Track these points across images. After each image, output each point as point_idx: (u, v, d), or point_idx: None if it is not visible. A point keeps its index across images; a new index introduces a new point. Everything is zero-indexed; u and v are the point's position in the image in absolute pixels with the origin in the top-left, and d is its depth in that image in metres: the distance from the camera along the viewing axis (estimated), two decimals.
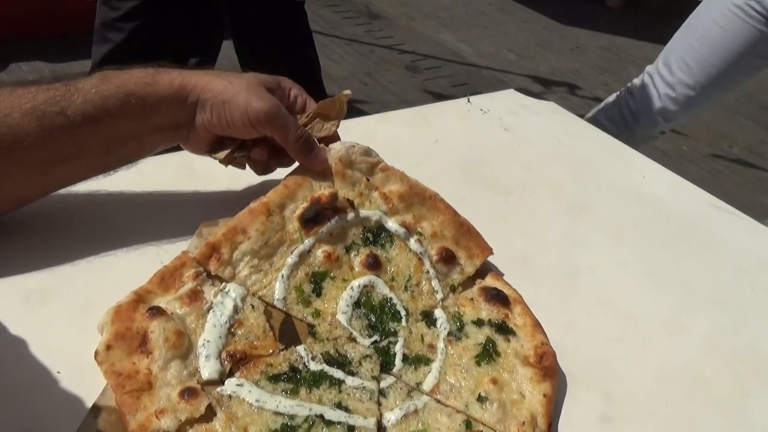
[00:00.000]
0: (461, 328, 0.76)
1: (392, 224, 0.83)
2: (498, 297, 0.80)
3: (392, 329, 0.75)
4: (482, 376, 0.71)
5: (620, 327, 0.85)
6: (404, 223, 0.84)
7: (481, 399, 0.69)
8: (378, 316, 0.76)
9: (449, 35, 5.06)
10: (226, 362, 0.67)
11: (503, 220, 1.01)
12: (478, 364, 0.72)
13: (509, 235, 0.95)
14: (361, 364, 0.70)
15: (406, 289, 0.80)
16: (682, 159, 3.88)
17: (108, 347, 0.64)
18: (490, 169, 1.14)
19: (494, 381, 0.70)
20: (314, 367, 0.69)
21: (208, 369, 0.65)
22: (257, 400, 0.63)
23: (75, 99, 0.73)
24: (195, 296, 0.71)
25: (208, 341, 0.68)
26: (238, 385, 0.65)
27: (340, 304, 0.76)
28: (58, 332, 0.69)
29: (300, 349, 0.70)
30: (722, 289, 0.95)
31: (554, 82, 4.51)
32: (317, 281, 0.77)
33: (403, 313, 0.77)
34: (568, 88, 4.46)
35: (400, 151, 1.12)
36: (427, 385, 0.70)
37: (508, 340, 0.76)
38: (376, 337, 0.74)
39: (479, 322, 0.77)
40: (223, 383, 0.65)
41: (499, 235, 0.87)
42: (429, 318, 0.78)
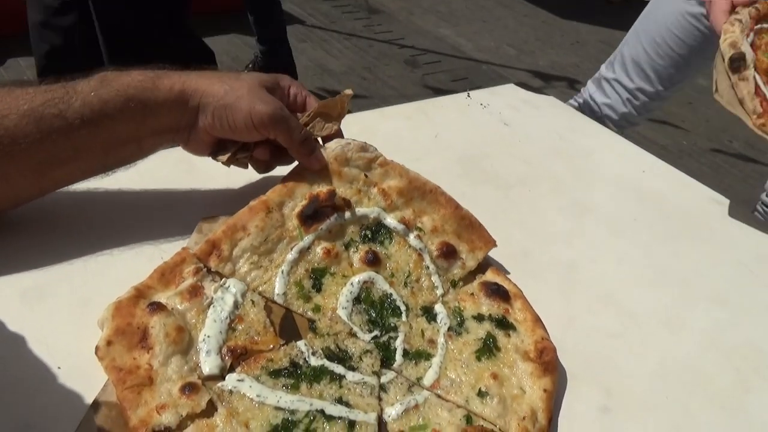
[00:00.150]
0: (461, 323, 0.77)
1: (391, 220, 0.83)
2: (498, 292, 0.80)
3: (392, 324, 0.75)
4: (482, 371, 0.71)
5: (620, 322, 0.85)
6: (403, 219, 0.84)
7: (481, 394, 0.69)
8: (378, 312, 0.76)
9: (449, 30, 5.05)
10: (227, 357, 0.67)
11: (503, 215, 1.01)
12: (478, 359, 0.72)
13: (509, 229, 0.95)
14: (361, 360, 0.70)
15: (405, 285, 0.80)
16: (681, 154, 3.88)
17: (109, 343, 0.64)
18: (490, 164, 1.14)
19: (494, 376, 0.70)
20: (315, 362, 0.69)
21: (209, 364, 0.65)
22: (258, 396, 0.64)
23: (74, 102, 0.72)
24: (195, 292, 0.71)
25: (208, 336, 0.68)
26: (238, 380, 0.65)
27: (340, 299, 0.76)
28: (57, 328, 0.69)
29: (300, 344, 0.71)
30: (722, 284, 0.96)
31: (554, 76, 4.50)
32: (317, 277, 0.77)
33: (403, 308, 0.77)
34: (568, 83, 4.45)
35: (400, 146, 1.12)
36: (427, 380, 0.70)
37: (509, 335, 0.76)
38: (376, 332, 0.74)
39: (479, 317, 0.77)
40: (224, 378, 0.65)
41: (499, 230, 0.87)
42: (429, 313, 0.78)
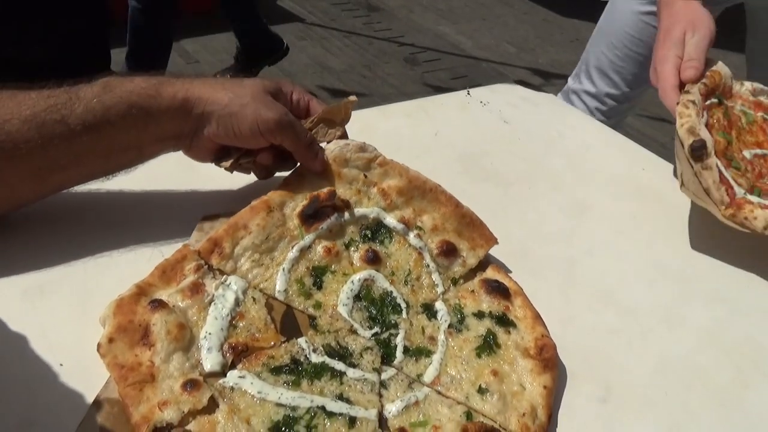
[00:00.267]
0: (462, 320, 0.77)
1: (391, 220, 0.84)
2: (499, 289, 0.80)
3: (393, 321, 0.76)
4: (483, 367, 0.71)
5: (620, 319, 0.86)
6: (403, 218, 0.84)
7: (481, 390, 0.69)
8: (378, 309, 0.76)
9: (449, 27, 5.04)
10: (228, 354, 0.67)
11: (503, 213, 1.01)
12: (478, 356, 0.73)
13: (509, 227, 0.95)
14: (362, 356, 0.71)
15: (406, 283, 0.80)
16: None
17: (110, 340, 0.64)
18: (490, 162, 1.14)
19: (495, 373, 0.71)
20: (315, 359, 0.69)
21: (210, 361, 0.66)
22: (259, 392, 0.64)
23: (76, 107, 0.72)
24: (196, 289, 0.71)
25: (209, 333, 0.68)
26: (240, 377, 0.65)
27: (340, 296, 0.76)
28: (59, 325, 0.70)
29: (301, 341, 0.71)
30: (721, 281, 0.96)
31: (554, 74, 4.49)
32: (318, 275, 0.78)
33: (403, 305, 0.77)
34: None
35: (400, 144, 1.12)
36: (428, 377, 0.70)
37: (509, 332, 0.76)
38: (376, 329, 0.74)
39: (480, 314, 0.77)
40: (225, 375, 0.65)
41: (499, 228, 0.87)
42: (430, 310, 0.78)
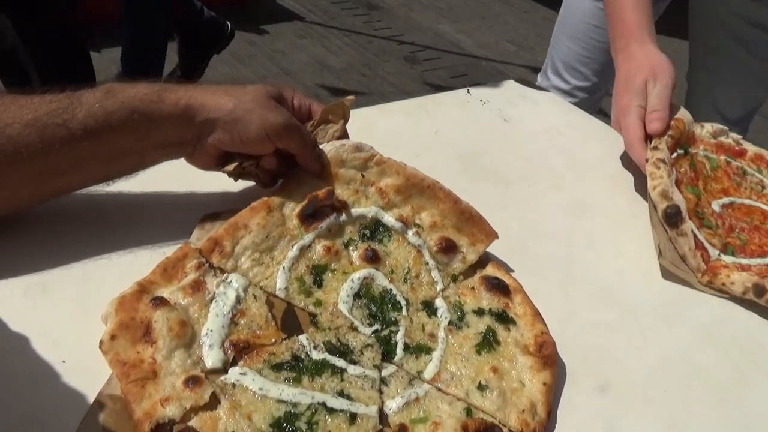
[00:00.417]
0: (462, 317, 0.77)
1: (389, 219, 0.84)
2: (498, 286, 0.81)
3: (393, 319, 0.76)
4: (482, 364, 0.72)
5: (619, 316, 0.86)
6: (401, 217, 0.84)
7: (481, 387, 0.70)
8: (378, 307, 0.77)
9: (448, 26, 5.04)
10: (230, 351, 0.67)
11: (503, 211, 1.01)
12: (478, 352, 0.73)
13: (509, 225, 0.96)
14: (362, 353, 0.71)
15: (405, 281, 0.80)
16: None
17: (112, 337, 0.64)
18: (490, 160, 1.15)
19: (494, 369, 0.71)
20: (316, 356, 0.69)
21: (212, 358, 0.66)
22: (260, 389, 0.64)
23: (78, 112, 0.72)
24: (198, 287, 0.71)
25: (211, 331, 0.68)
26: (241, 373, 0.65)
27: (341, 294, 0.76)
28: (61, 323, 0.70)
29: (302, 338, 0.71)
30: None
31: None
32: (318, 273, 0.78)
33: (403, 303, 0.78)
34: None
35: (400, 143, 1.13)
36: (428, 374, 0.71)
37: (509, 329, 0.76)
38: (377, 326, 0.75)
39: (480, 312, 0.78)
40: (227, 372, 0.66)
41: (499, 226, 0.88)
42: (430, 307, 0.78)
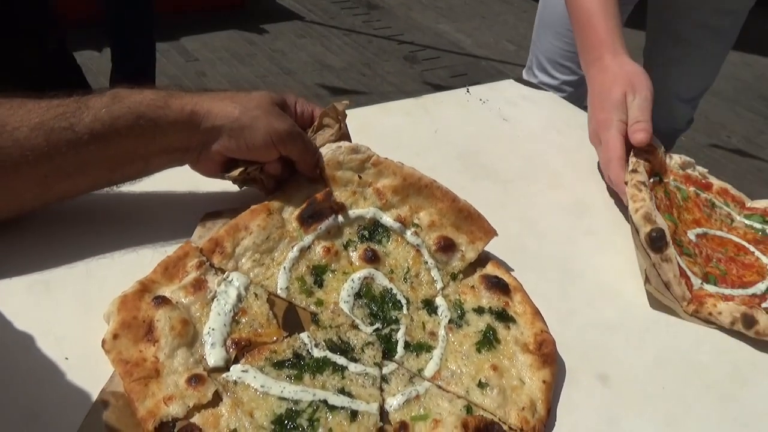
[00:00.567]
0: (462, 315, 0.78)
1: (387, 219, 0.84)
2: (498, 285, 0.81)
3: (394, 317, 0.76)
4: (483, 362, 0.72)
5: (619, 315, 0.87)
6: (399, 217, 0.85)
7: (481, 385, 0.70)
8: (379, 306, 0.77)
9: (448, 25, 5.04)
10: (231, 350, 0.68)
11: (502, 210, 1.01)
12: (478, 351, 0.74)
13: (508, 224, 0.96)
14: (363, 351, 0.72)
15: (405, 280, 0.81)
16: (680, 149, 3.82)
17: (115, 336, 0.65)
18: (489, 159, 1.15)
19: (494, 367, 0.72)
20: (317, 353, 0.70)
21: (214, 356, 0.66)
22: (262, 386, 0.65)
23: (84, 116, 0.72)
24: (199, 285, 0.72)
25: (213, 329, 0.69)
26: (243, 371, 0.66)
27: (341, 294, 0.77)
28: (64, 320, 0.70)
29: (303, 336, 0.72)
30: None
31: None
32: (318, 274, 0.79)
33: (403, 302, 0.78)
34: None
35: (400, 142, 1.13)
36: (428, 372, 0.71)
37: (508, 328, 0.77)
38: (378, 324, 0.75)
39: (480, 310, 0.78)
40: (229, 370, 0.66)
41: (499, 225, 0.88)
42: (430, 306, 0.79)
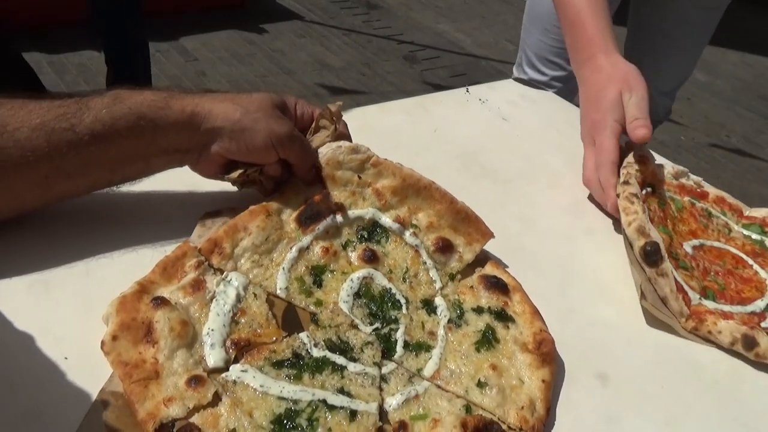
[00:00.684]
0: (461, 315, 0.78)
1: (386, 220, 0.84)
2: (497, 285, 0.81)
3: (393, 317, 0.76)
4: (482, 362, 0.72)
5: (618, 314, 0.87)
6: (398, 218, 0.85)
7: (480, 384, 0.70)
8: (378, 305, 0.77)
9: (448, 25, 5.05)
10: (231, 350, 0.68)
11: (502, 209, 1.01)
12: (477, 350, 0.74)
13: (508, 224, 0.96)
14: (362, 351, 0.72)
15: (404, 280, 0.81)
16: (680, 149, 3.88)
17: (114, 337, 0.64)
18: (489, 159, 1.15)
19: (494, 367, 0.72)
20: (317, 353, 0.70)
21: (214, 357, 0.66)
22: (261, 386, 0.65)
23: (85, 117, 0.72)
24: (198, 286, 0.72)
25: (212, 330, 0.68)
26: (242, 370, 0.66)
27: (341, 294, 0.77)
28: (63, 320, 0.70)
29: (303, 335, 0.72)
30: None
31: None
32: (317, 274, 0.79)
33: (403, 301, 0.78)
34: None
35: (400, 141, 1.13)
36: (427, 371, 0.71)
37: (508, 327, 0.77)
38: (377, 324, 0.75)
39: (479, 310, 0.78)
40: (228, 370, 0.66)
41: (498, 224, 0.88)
42: (429, 306, 0.79)
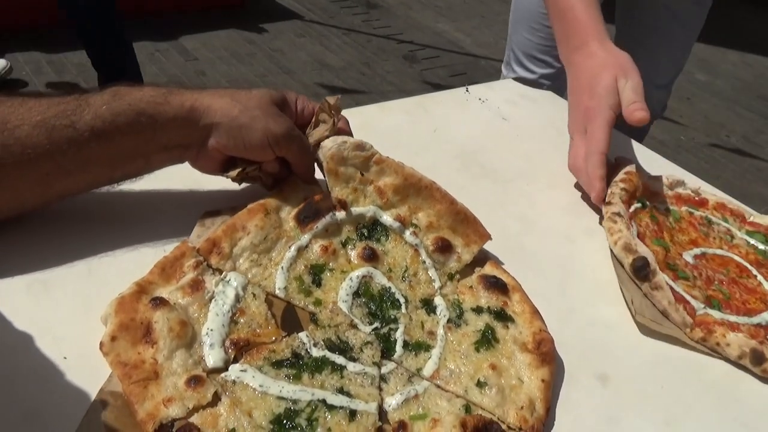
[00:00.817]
0: (461, 315, 0.78)
1: (387, 218, 0.84)
2: (497, 285, 0.81)
3: (392, 316, 0.76)
4: (481, 362, 0.72)
5: (618, 314, 0.87)
6: (399, 216, 0.85)
7: (480, 384, 0.70)
8: (378, 305, 0.77)
9: (447, 25, 5.05)
10: (230, 350, 0.67)
11: (501, 209, 1.01)
12: (477, 350, 0.74)
13: (507, 223, 0.96)
14: (362, 351, 0.72)
15: (403, 279, 0.81)
16: (679, 149, 3.88)
17: (113, 338, 0.64)
18: (488, 158, 1.15)
19: (493, 367, 0.72)
20: (316, 353, 0.70)
21: (213, 357, 0.66)
22: (261, 385, 0.65)
23: (85, 114, 0.72)
24: (196, 286, 0.72)
25: (211, 330, 0.68)
26: (241, 370, 0.66)
27: (340, 293, 0.77)
28: (63, 319, 0.70)
29: (302, 335, 0.72)
30: None
31: None
32: (316, 273, 0.78)
33: (402, 301, 0.78)
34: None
35: (399, 141, 1.13)
36: (427, 371, 0.71)
37: (507, 327, 0.77)
38: (376, 324, 0.75)
39: (478, 310, 0.78)
40: (228, 370, 0.66)
41: (498, 224, 0.88)
42: (428, 305, 0.79)
